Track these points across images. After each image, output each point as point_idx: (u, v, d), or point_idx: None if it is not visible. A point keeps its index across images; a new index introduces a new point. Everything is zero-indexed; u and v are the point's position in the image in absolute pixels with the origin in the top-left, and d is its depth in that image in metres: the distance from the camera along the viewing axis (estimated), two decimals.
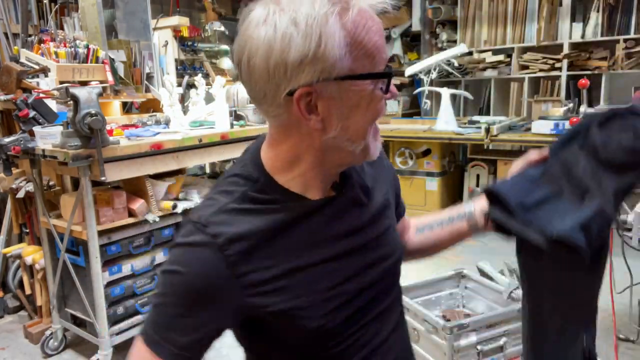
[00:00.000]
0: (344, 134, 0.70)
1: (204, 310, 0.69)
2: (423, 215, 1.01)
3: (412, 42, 5.30)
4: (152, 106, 2.94)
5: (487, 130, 3.62)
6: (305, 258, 0.73)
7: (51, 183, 2.47)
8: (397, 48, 5.17)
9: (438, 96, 4.23)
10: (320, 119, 0.68)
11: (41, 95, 2.13)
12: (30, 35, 2.89)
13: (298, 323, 0.72)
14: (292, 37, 0.62)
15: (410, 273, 3.23)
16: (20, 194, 2.45)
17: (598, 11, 4.04)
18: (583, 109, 1.94)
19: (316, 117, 0.67)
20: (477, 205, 0.91)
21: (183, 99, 2.67)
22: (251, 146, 0.79)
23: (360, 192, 0.80)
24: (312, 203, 0.75)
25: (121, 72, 2.74)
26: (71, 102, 1.85)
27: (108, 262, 2.15)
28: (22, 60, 2.42)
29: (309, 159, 0.72)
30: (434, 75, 4.17)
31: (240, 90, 2.76)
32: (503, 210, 0.76)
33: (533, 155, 0.83)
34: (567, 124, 3.35)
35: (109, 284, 2.16)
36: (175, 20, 3.30)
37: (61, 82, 2.25)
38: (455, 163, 4.34)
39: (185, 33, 3.77)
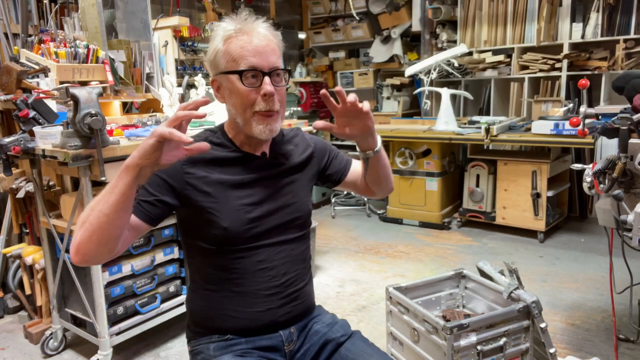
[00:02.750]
0: (232, 109, 1.16)
1: (161, 187, 1.12)
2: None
3: (412, 42, 5.30)
4: (152, 106, 2.94)
5: (487, 131, 3.62)
6: (228, 179, 1.16)
7: (51, 183, 2.47)
8: (397, 48, 5.17)
9: (438, 96, 4.23)
10: (221, 97, 1.18)
11: (41, 95, 2.13)
12: (30, 35, 2.89)
13: (213, 219, 1.13)
14: (210, 49, 1.17)
15: (411, 273, 3.25)
16: (20, 194, 2.45)
17: (598, 11, 4.04)
18: (583, 109, 1.93)
19: (220, 96, 1.18)
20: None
21: (183, 99, 2.67)
22: None
23: (281, 157, 1.26)
24: (246, 154, 1.20)
25: (121, 72, 2.74)
26: (71, 102, 1.85)
27: (108, 262, 2.15)
28: (22, 60, 2.42)
29: (234, 124, 1.19)
30: (434, 75, 4.17)
31: None
32: None
33: None
34: (567, 124, 3.35)
35: (109, 284, 2.17)
36: (175, 20, 3.29)
37: (61, 82, 2.25)
38: (455, 163, 4.34)
39: (185, 33, 3.76)
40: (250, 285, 1.18)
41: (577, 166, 1.97)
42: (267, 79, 1.10)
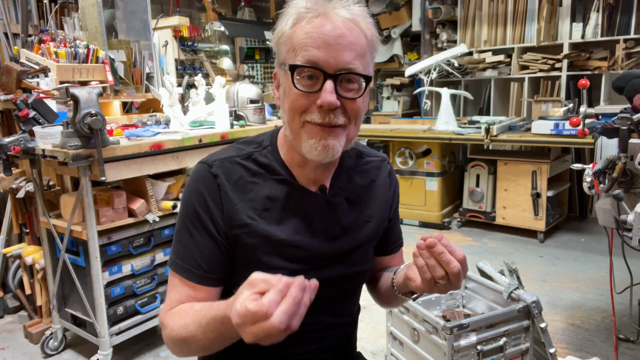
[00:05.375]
0: (283, 114, 0.87)
1: (205, 219, 0.87)
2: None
3: (412, 42, 5.30)
4: (152, 106, 2.94)
5: (487, 131, 3.62)
6: (273, 229, 0.88)
7: (51, 183, 2.47)
8: (397, 48, 5.17)
9: (438, 96, 4.23)
10: (278, 97, 0.89)
11: (41, 95, 2.13)
12: (30, 35, 2.89)
13: (258, 264, 0.86)
14: (276, 29, 0.86)
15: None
16: (20, 194, 2.45)
17: (598, 11, 4.04)
18: (583, 109, 1.93)
19: (277, 96, 0.89)
20: (404, 269, 0.93)
21: (183, 99, 2.66)
22: None
23: (343, 199, 0.94)
24: (300, 188, 0.91)
25: (121, 72, 2.74)
26: (71, 102, 1.85)
27: (108, 262, 2.15)
28: (22, 60, 2.42)
29: (286, 139, 0.90)
30: (434, 75, 4.17)
31: (240, 90, 2.76)
32: None
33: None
34: (567, 124, 3.35)
35: (109, 284, 2.16)
36: (175, 20, 3.29)
37: (61, 82, 2.25)
38: (455, 163, 4.34)
39: (185, 33, 3.76)
40: (289, 349, 0.94)
41: (577, 166, 1.97)
42: (328, 85, 0.79)
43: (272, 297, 0.62)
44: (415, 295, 0.93)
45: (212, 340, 0.77)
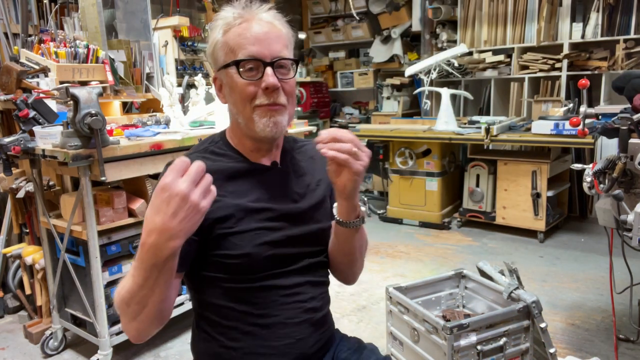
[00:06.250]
0: (232, 107, 1.03)
1: None
2: None
3: (412, 42, 5.30)
4: (152, 106, 2.94)
5: (487, 131, 3.62)
6: (243, 200, 1.01)
7: (51, 183, 2.47)
8: (397, 48, 5.17)
9: (438, 96, 4.23)
10: (223, 96, 1.05)
11: (41, 95, 2.13)
12: (30, 35, 2.89)
13: (232, 246, 0.98)
14: (209, 41, 1.03)
15: (411, 273, 3.24)
16: (20, 194, 2.45)
17: (598, 11, 4.04)
18: (583, 109, 1.93)
19: (222, 95, 1.05)
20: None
21: (183, 99, 2.66)
22: None
23: (292, 172, 1.10)
24: (254, 165, 1.05)
25: (121, 72, 2.74)
26: (71, 102, 1.85)
27: (108, 262, 2.16)
28: (22, 60, 2.42)
29: (236, 128, 1.06)
30: (434, 75, 4.17)
31: None
32: None
33: None
34: (567, 124, 3.35)
35: (109, 284, 2.16)
36: (175, 20, 3.29)
37: (61, 82, 2.25)
38: (455, 163, 4.34)
39: (185, 33, 3.76)
40: (278, 315, 1.02)
41: (577, 166, 1.97)
42: (269, 70, 0.96)
43: (173, 176, 0.76)
44: (359, 219, 1.03)
45: (140, 282, 0.83)
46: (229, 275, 0.99)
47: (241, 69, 0.96)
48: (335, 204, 1.04)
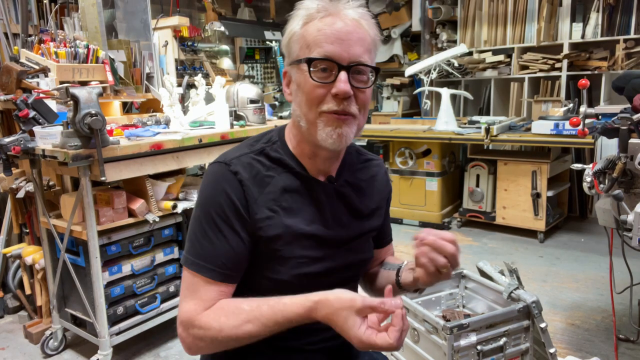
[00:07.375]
0: (296, 108, 0.93)
1: (231, 217, 0.90)
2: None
3: (412, 42, 5.30)
4: (152, 106, 2.94)
5: (487, 131, 3.62)
6: (296, 223, 0.93)
7: (51, 183, 2.47)
8: (397, 48, 5.17)
9: (438, 96, 4.23)
10: (289, 93, 0.95)
11: (41, 95, 2.13)
12: (30, 35, 2.88)
13: (275, 269, 0.92)
14: (286, 30, 0.93)
15: None
16: (20, 194, 2.45)
17: (598, 11, 4.04)
18: (583, 109, 1.93)
19: (289, 92, 0.96)
20: (407, 270, 1.02)
21: (183, 99, 2.66)
22: None
23: (349, 189, 1.01)
24: (311, 179, 0.96)
25: (121, 72, 2.74)
26: (71, 102, 1.85)
27: (108, 262, 2.16)
28: (22, 60, 2.42)
29: (296, 130, 0.96)
30: (434, 75, 4.17)
31: (240, 90, 2.76)
32: None
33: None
34: (567, 124, 3.35)
35: (109, 284, 2.17)
36: (175, 20, 3.29)
37: (61, 82, 2.25)
38: (455, 163, 4.34)
39: (185, 33, 3.76)
40: (296, 340, 0.98)
41: (577, 166, 1.97)
42: (342, 75, 0.86)
43: (396, 336, 0.76)
44: (420, 290, 1.01)
45: (270, 333, 0.84)
46: (255, 294, 0.90)
47: (313, 69, 0.87)
48: (405, 264, 1.02)
